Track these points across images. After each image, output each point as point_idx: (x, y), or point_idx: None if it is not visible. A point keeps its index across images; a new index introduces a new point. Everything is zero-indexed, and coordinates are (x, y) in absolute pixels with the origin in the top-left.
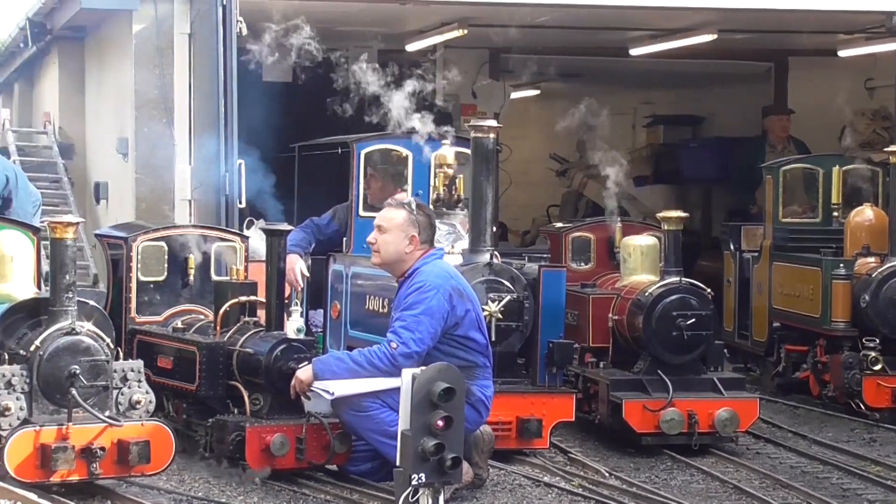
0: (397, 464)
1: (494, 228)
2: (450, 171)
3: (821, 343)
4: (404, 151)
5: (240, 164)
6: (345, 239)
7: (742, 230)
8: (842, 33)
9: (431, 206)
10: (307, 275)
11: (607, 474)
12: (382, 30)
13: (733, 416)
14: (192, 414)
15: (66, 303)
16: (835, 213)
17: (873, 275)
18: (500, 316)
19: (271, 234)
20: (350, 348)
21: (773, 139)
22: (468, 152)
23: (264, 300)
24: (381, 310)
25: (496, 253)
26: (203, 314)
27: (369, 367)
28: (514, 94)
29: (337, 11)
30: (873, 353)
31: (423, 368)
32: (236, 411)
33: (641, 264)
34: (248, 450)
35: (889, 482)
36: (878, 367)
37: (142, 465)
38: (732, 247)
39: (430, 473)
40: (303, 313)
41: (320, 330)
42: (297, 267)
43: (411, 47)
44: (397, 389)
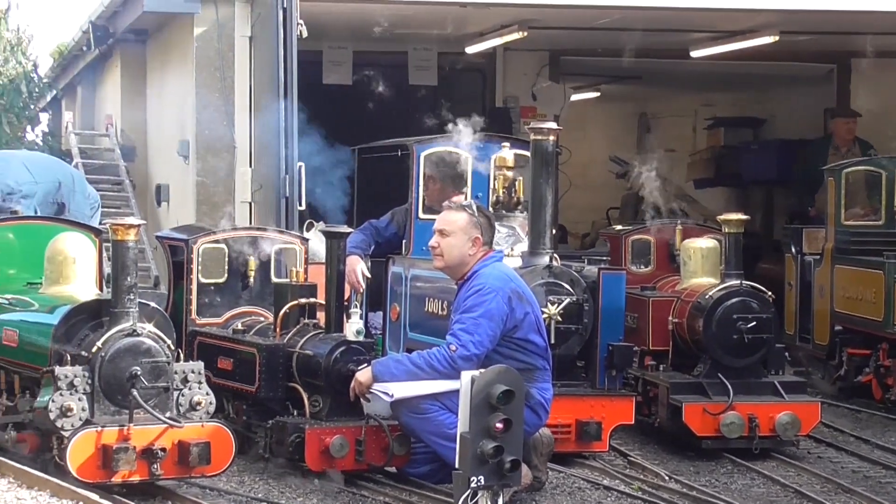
0: (456, 466)
1: (554, 231)
2: (509, 174)
3: (883, 347)
4: (464, 154)
5: (300, 166)
6: (404, 241)
7: (804, 233)
8: None
9: (491, 209)
10: (369, 276)
11: (667, 478)
12: (442, 32)
13: (794, 420)
14: (251, 415)
15: (128, 304)
16: None
17: None
18: (559, 318)
19: (331, 236)
20: (409, 350)
21: (837, 141)
22: (528, 155)
23: (324, 302)
24: (440, 312)
25: (556, 255)
26: (263, 316)
27: (428, 369)
28: (574, 97)
29: (397, 14)
30: None
31: (483, 371)
32: (296, 413)
33: (702, 267)
34: (307, 451)
35: None
36: None
37: (202, 466)
38: (794, 249)
39: (488, 476)
40: (362, 315)
41: (379, 332)
42: (358, 269)
43: (471, 50)
44: (456, 392)
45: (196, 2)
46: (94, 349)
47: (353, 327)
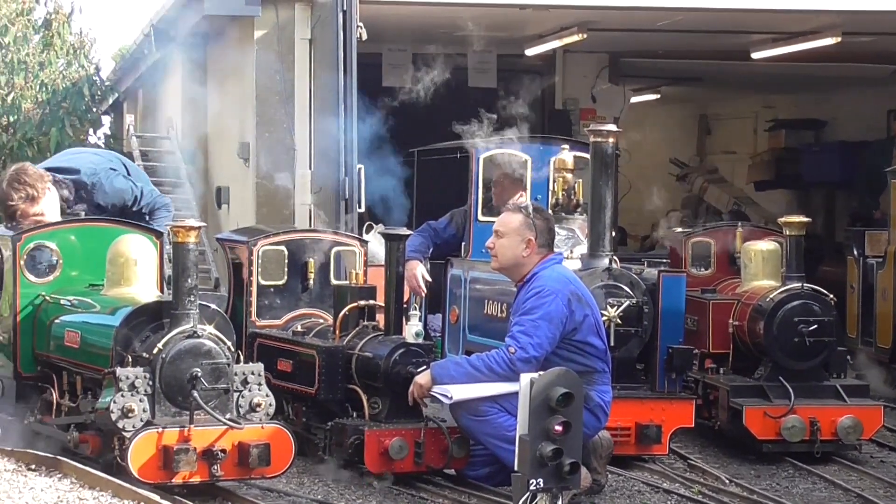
0: (515, 468)
1: (613, 233)
2: (569, 176)
3: None
4: (523, 156)
5: (359, 168)
6: (463, 243)
7: (866, 235)
8: None
9: (550, 211)
10: (429, 280)
11: (727, 481)
12: (502, 34)
13: (857, 424)
14: (311, 417)
15: (188, 306)
16: None
17: None
18: (619, 321)
19: (390, 238)
20: (468, 353)
21: None
22: (587, 157)
23: (383, 304)
24: (499, 314)
25: (615, 258)
26: (322, 318)
27: (487, 371)
28: (634, 99)
29: (456, 17)
30: None
31: (542, 373)
32: (355, 415)
33: (762, 270)
34: (366, 453)
35: None
36: None
37: (262, 467)
38: (856, 252)
39: (548, 478)
40: (421, 318)
41: (439, 334)
42: (418, 273)
43: (531, 52)
44: (515, 394)
45: (256, 5)
46: (154, 350)
47: (412, 329)
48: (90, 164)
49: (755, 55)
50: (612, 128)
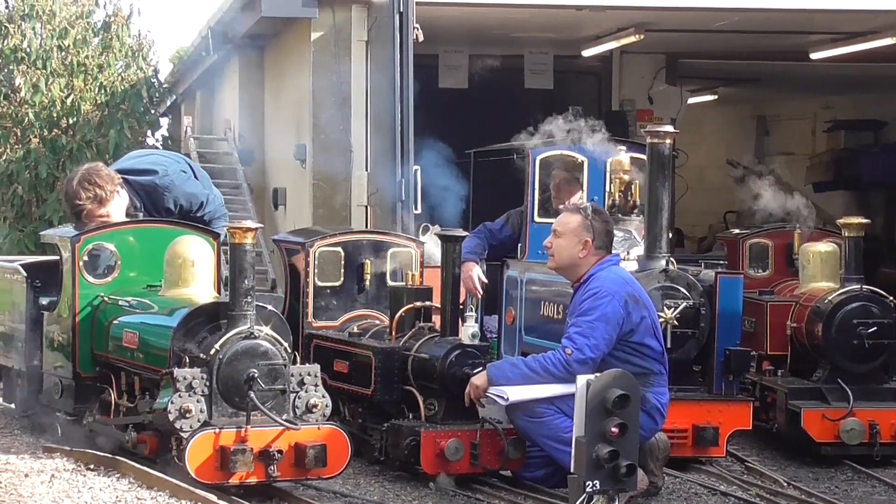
0: (571, 470)
1: (670, 235)
2: (625, 177)
3: None
4: (580, 157)
5: (416, 170)
6: (519, 245)
7: None
8: None
9: (607, 212)
10: (485, 282)
11: (785, 484)
12: (558, 35)
13: None
14: (367, 418)
15: (245, 307)
16: None
17: None
18: (675, 323)
19: (446, 239)
20: (524, 354)
21: None
22: (644, 158)
23: (439, 305)
24: (555, 316)
25: (672, 259)
26: (378, 319)
27: (544, 373)
28: (691, 100)
29: (513, 18)
30: None
31: (598, 375)
32: (411, 416)
33: (821, 271)
34: (422, 455)
35: None
36: None
37: (318, 468)
38: None
39: (604, 480)
40: (477, 319)
41: (495, 335)
42: (474, 275)
43: (587, 53)
44: (572, 395)
45: (313, 7)
46: (211, 351)
47: (468, 331)
48: (161, 166)
49: (814, 55)
50: (669, 129)
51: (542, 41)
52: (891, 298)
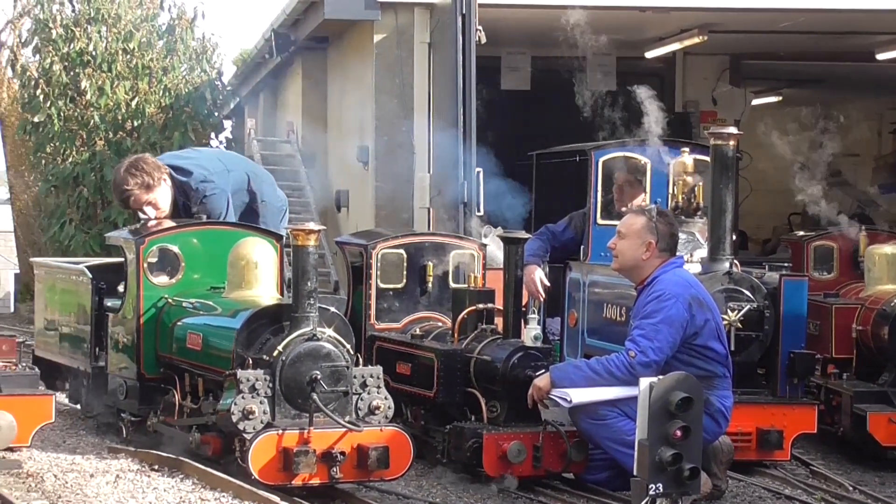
0: (634, 473)
1: (734, 237)
2: (689, 179)
3: None
4: (643, 159)
5: (478, 171)
6: (582, 247)
7: None
8: None
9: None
10: (548, 284)
11: (851, 488)
12: (621, 37)
13: None
14: (429, 420)
15: (308, 309)
16: None
17: None
18: (739, 325)
19: (509, 241)
20: (587, 356)
21: None
22: (708, 160)
23: (502, 308)
24: (618, 318)
25: (736, 262)
26: (441, 321)
27: (607, 375)
28: (755, 101)
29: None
30: None
31: (661, 377)
32: (473, 418)
33: (887, 273)
34: (485, 457)
35: None
36: None
37: (381, 470)
38: None
39: (667, 483)
40: (540, 321)
41: (557, 338)
42: (536, 277)
43: (650, 54)
44: (635, 398)
45: (376, 9)
46: (275, 353)
47: (531, 333)
48: (204, 170)
49: (880, 56)
50: (733, 130)
51: (606, 43)
52: None
